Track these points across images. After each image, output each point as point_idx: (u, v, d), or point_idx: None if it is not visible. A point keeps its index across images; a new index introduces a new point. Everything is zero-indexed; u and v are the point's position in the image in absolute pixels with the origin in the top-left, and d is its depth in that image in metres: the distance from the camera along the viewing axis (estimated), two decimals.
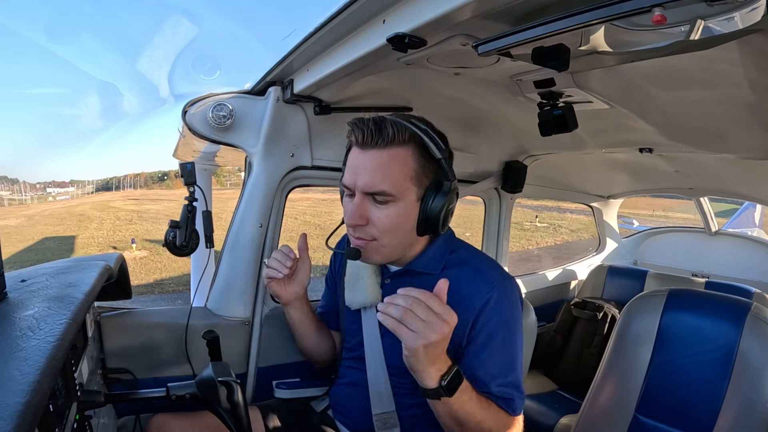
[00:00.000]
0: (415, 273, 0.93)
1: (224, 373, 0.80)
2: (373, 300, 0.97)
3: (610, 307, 2.12)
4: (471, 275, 0.89)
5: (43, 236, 12.37)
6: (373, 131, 0.80)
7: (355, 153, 0.84)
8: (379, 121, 0.81)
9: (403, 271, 0.95)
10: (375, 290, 0.97)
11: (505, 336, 0.87)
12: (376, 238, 0.86)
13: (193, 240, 1.10)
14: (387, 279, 0.98)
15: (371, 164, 0.81)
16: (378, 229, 0.84)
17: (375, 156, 0.81)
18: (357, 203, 0.83)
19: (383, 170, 0.81)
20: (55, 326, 0.59)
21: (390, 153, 0.81)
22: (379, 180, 0.81)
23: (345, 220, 0.86)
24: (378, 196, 0.82)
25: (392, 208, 0.83)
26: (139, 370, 1.10)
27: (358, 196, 0.83)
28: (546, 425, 1.72)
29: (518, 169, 1.76)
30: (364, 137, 0.81)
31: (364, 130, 0.81)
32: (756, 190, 2.15)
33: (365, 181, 0.82)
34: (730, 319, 1.16)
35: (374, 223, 0.84)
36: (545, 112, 1.04)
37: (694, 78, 0.87)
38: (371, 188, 0.81)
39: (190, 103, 1.15)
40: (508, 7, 0.59)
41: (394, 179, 0.81)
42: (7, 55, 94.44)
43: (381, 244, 0.86)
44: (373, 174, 0.81)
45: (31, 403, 0.44)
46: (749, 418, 1.06)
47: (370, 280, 0.98)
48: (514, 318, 0.88)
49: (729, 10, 0.49)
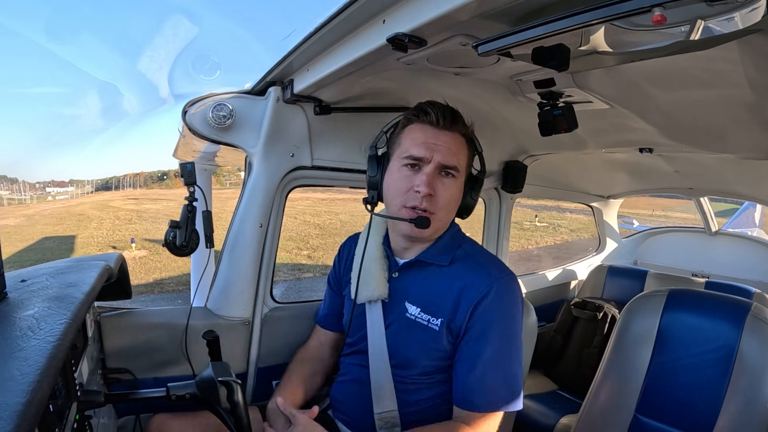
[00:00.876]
0: (424, 264, 0.97)
1: (224, 373, 0.80)
2: (380, 294, 0.99)
3: (610, 307, 2.12)
4: (473, 268, 0.94)
5: (43, 236, 12.36)
6: (449, 116, 0.93)
7: (427, 130, 0.92)
8: (451, 108, 0.94)
9: (413, 261, 0.98)
10: (383, 284, 0.99)
11: (502, 329, 0.89)
12: (436, 212, 0.92)
13: (193, 240, 1.10)
14: (395, 273, 1.00)
15: (447, 142, 0.92)
16: (442, 201, 0.92)
17: (450, 136, 0.92)
18: (430, 173, 0.90)
19: (456, 149, 0.93)
20: (55, 326, 0.59)
21: (459, 137, 0.94)
22: (453, 156, 0.92)
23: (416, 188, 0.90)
24: (449, 169, 0.92)
25: (454, 183, 0.93)
26: (139, 370, 1.10)
27: (432, 168, 0.90)
28: (546, 425, 1.72)
29: (518, 169, 1.76)
30: (443, 119, 0.92)
31: (440, 112, 0.92)
32: (756, 190, 2.15)
33: (443, 156, 0.91)
34: (730, 319, 1.16)
35: (440, 196, 0.92)
36: (545, 112, 1.04)
37: (694, 78, 0.87)
38: (449, 162, 0.91)
39: (190, 103, 1.15)
40: (508, 7, 0.59)
41: (461, 158, 0.94)
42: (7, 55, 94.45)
43: (438, 218, 0.93)
44: (450, 150, 0.91)
45: (31, 403, 0.44)
46: (749, 418, 1.06)
47: (378, 275, 1.00)
48: (512, 312, 0.91)
49: (729, 10, 0.49)
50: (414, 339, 0.93)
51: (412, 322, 0.94)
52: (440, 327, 0.91)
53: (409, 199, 0.92)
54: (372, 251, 1.02)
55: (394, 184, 0.94)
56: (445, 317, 0.91)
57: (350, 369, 1.05)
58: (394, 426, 0.95)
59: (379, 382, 0.96)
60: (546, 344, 2.22)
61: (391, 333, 0.97)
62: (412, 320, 0.95)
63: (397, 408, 0.95)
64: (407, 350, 0.94)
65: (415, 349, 0.93)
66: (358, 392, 0.99)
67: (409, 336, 0.94)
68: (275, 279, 1.36)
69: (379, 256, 1.02)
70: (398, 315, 0.97)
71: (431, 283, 0.96)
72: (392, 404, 0.95)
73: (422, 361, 0.93)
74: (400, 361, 0.95)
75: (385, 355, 0.96)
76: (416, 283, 0.97)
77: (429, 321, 0.92)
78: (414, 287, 0.97)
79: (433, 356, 0.92)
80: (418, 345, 0.93)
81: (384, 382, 0.96)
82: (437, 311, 0.92)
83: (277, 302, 1.33)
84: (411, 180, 0.91)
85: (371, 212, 1.01)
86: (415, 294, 0.97)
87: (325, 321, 1.19)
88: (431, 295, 0.94)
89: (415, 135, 0.93)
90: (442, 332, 0.91)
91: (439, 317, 0.91)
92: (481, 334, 0.88)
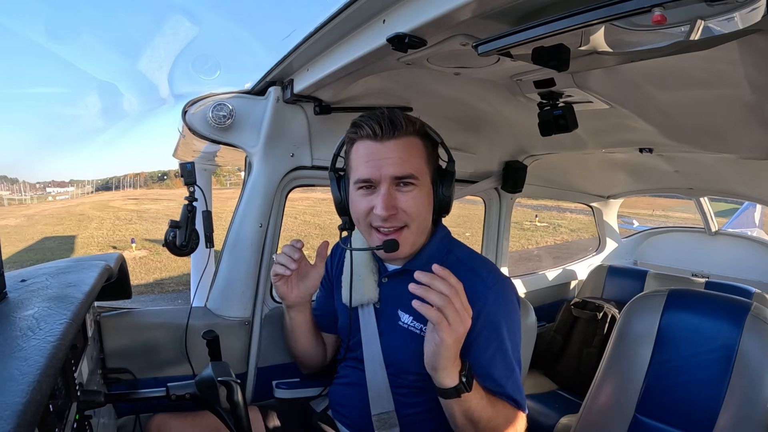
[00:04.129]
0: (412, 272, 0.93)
1: (224, 373, 0.80)
2: (371, 298, 0.97)
3: (610, 307, 2.12)
4: (468, 276, 0.88)
5: (43, 236, 12.37)
6: (389, 123, 0.85)
7: (370, 146, 0.86)
8: (388, 114, 0.86)
9: (401, 270, 0.96)
10: (373, 289, 0.98)
11: (506, 335, 0.87)
12: (406, 225, 0.88)
13: (193, 240, 1.10)
14: (384, 278, 0.98)
15: (394, 152, 0.85)
16: (408, 214, 0.87)
17: (395, 144, 0.85)
18: (385, 193, 0.85)
19: (406, 156, 0.86)
20: (55, 326, 0.59)
21: (406, 141, 0.87)
22: (405, 165, 0.85)
23: (376, 211, 0.85)
24: (405, 179, 0.85)
25: (416, 191, 0.87)
26: (139, 370, 1.10)
27: (385, 186, 0.85)
28: (546, 425, 1.72)
29: (518, 169, 1.76)
30: (381, 130, 0.85)
31: (378, 123, 0.85)
32: (756, 190, 2.15)
33: (394, 168, 0.85)
34: (730, 319, 1.16)
35: (404, 209, 0.86)
36: (545, 112, 1.04)
37: (694, 78, 0.87)
38: (401, 173, 0.85)
39: (190, 103, 1.15)
40: (508, 7, 0.59)
41: (415, 162, 0.86)
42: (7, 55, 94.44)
43: (410, 231, 0.89)
44: (399, 160, 0.85)
45: (31, 403, 0.44)
46: (749, 418, 1.06)
47: (368, 279, 0.98)
48: (512, 317, 0.90)
49: (729, 11, 0.49)
50: (408, 347, 0.91)
51: (405, 331, 0.93)
52: None
53: (372, 220, 0.88)
54: (360, 255, 1.00)
55: (355, 208, 0.90)
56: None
57: (348, 372, 1.04)
58: (393, 426, 0.95)
59: (375, 385, 0.96)
60: (546, 344, 2.22)
61: (385, 340, 0.96)
62: (405, 328, 0.93)
63: (395, 409, 0.95)
64: (402, 358, 0.93)
65: (409, 356, 0.91)
66: (355, 394, 0.99)
67: (403, 344, 0.93)
68: None
69: (368, 260, 1.00)
70: (391, 323, 0.96)
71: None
72: (389, 405, 0.95)
73: (416, 369, 0.89)
74: (395, 368, 0.94)
75: (380, 359, 0.96)
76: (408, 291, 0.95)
77: (422, 330, 0.90)
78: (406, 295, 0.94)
79: None
80: (412, 353, 0.90)
81: (380, 384, 0.95)
82: None
83: (277, 302, 1.33)
84: (370, 201, 0.87)
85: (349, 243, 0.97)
86: (407, 302, 0.93)
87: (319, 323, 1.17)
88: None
89: (360, 154, 0.88)
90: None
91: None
92: (486, 346, 0.86)
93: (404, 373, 0.93)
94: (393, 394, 0.95)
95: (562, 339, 2.20)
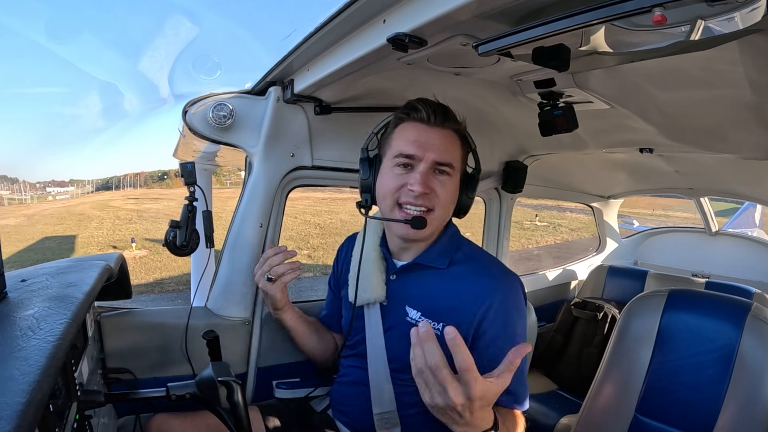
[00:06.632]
0: (422, 267, 0.96)
1: (224, 373, 0.80)
2: (378, 297, 0.98)
3: (610, 307, 2.12)
4: (477, 272, 0.93)
5: (43, 236, 12.37)
6: (441, 112, 0.91)
7: (419, 128, 0.91)
8: (442, 105, 0.93)
9: (411, 264, 0.97)
10: (380, 287, 0.99)
11: (512, 331, 0.88)
12: (434, 209, 0.91)
13: (193, 240, 1.10)
14: (393, 275, 0.99)
15: (440, 139, 0.90)
16: (439, 198, 0.90)
17: (442, 133, 0.91)
18: (424, 172, 0.89)
19: (450, 145, 0.91)
20: (55, 326, 0.59)
21: (451, 133, 0.92)
22: (448, 153, 0.90)
23: (412, 187, 0.88)
24: (443, 167, 0.90)
25: (450, 181, 0.92)
26: (139, 370, 1.10)
27: (425, 166, 0.89)
28: (546, 425, 1.72)
29: (518, 169, 1.76)
30: (434, 116, 0.90)
31: (431, 109, 0.91)
32: (756, 190, 2.15)
33: (437, 153, 0.89)
34: (730, 320, 1.16)
35: (437, 194, 0.90)
36: (545, 112, 1.04)
37: (694, 78, 0.87)
38: (443, 159, 0.89)
39: (190, 102, 1.15)
40: (508, 7, 0.59)
41: (455, 154, 0.92)
42: (7, 55, 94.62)
43: (435, 217, 0.91)
44: (443, 147, 0.90)
45: (31, 403, 0.44)
46: (749, 419, 1.06)
47: (375, 277, 0.99)
48: (521, 312, 0.91)
49: (729, 11, 0.49)
50: None
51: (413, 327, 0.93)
52: (442, 332, 0.90)
53: (401, 196, 0.91)
54: (369, 253, 1.01)
55: (386, 184, 0.93)
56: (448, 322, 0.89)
57: (349, 371, 1.05)
58: (394, 426, 0.95)
59: (378, 383, 0.96)
60: (546, 344, 2.22)
61: (391, 337, 0.96)
62: (413, 324, 0.93)
63: (396, 408, 0.95)
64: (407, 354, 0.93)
65: None
66: (357, 393, 0.99)
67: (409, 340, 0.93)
68: None
69: (376, 258, 1.01)
70: (398, 319, 0.96)
71: (432, 287, 0.94)
72: (391, 405, 0.95)
73: None
74: (400, 365, 0.94)
75: (383, 358, 0.96)
76: (416, 287, 0.96)
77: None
78: (414, 291, 0.96)
79: None
80: None
81: (383, 383, 0.96)
82: (439, 316, 0.91)
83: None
84: (404, 179, 0.90)
85: (365, 215, 0.99)
86: (416, 298, 0.95)
87: (326, 320, 1.19)
88: (433, 300, 0.93)
89: (407, 133, 0.91)
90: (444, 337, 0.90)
91: (441, 322, 0.90)
92: (493, 341, 0.87)
93: (407, 370, 0.94)
94: (395, 393, 0.95)
95: (562, 339, 2.20)
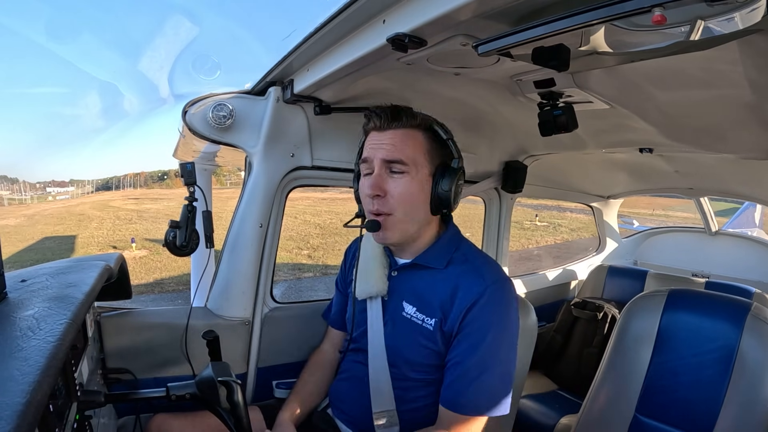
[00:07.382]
0: (421, 267, 0.98)
1: (224, 373, 0.80)
2: (380, 291, 1.00)
3: (610, 307, 2.12)
4: (469, 272, 0.93)
5: (43, 236, 12.36)
6: (390, 115, 0.93)
7: (374, 135, 0.95)
8: (394, 107, 0.94)
9: (410, 264, 0.99)
10: (382, 281, 1.00)
11: (493, 334, 0.88)
12: (392, 212, 0.92)
13: (193, 240, 1.10)
14: (394, 272, 1.01)
15: (389, 139, 0.92)
16: (395, 199, 0.91)
17: (392, 133, 0.93)
18: (376, 174, 0.92)
19: (400, 143, 0.92)
20: (55, 326, 0.59)
21: (404, 132, 0.93)
22: (396, 151, 0.91)
23: (364, 191, 0.93)
24: (395, 165, 0.91)
25: (407, 178, 0.91)
26: (139, 370, 1.10)
27: (377, 168, 0.92)
28: (546, 425, 1.72)
29: (518, 169, 1.76)
30: (380, 120, 0.93)
31: (382, 115, 0.93)
32: (756, 190, 2.14)
33: (385, 152, 0.91)
34: (730, 319, 1.16)
35: (391, 194, 0.92)
36: (545, 112, 1.04)
37: (694, 78, 0.87)
38: (390, 157, 0.91)
39: (190, 103, 1.15)
40: (508, 7, 0.59)
41: (408, 151, 0.92)
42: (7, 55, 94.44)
43: (397, 219, 0.93)
44: (391, 146, 0.91)
45: (31, 403, 0.44)
46: (749, 418, 1.06)
47: (378, 272, 1.01)
48: (504, 317, 0.90)
49: (729, 11, 0.49)
50: (409, 337, 0.94)
51: (408, 321, 0.95)
52: (434, 327, 0.91)
53: (366, 205, 0.95)
54: (373, 249, 1.04)
55: (360, 193, 0.98)
56: (438, 318, 0.91)
57: (350, 366, 1.05)
58: (393, 425, 0.95)
59: (377, 380, 0.97)
60: (546, 344, 2.22)
61: (389, 331, 0.98)
62: (408, 318, 0.95)
63: (395, 407, 0.95)
64: (403, 348, 0.95)
65: (410, 347, 0.94)
66: (357, 390, 1.00)
67: (404, 334, 0.95)
68: (275, 279, 1.36)
69: (380, 254, 1.03)
70: (395, 313, 0.98)
71: (427, 284, 0.96)
72: (390, 403, 0.95)
73: (417, 359, 0.93)
74: (396, 359, 0.96)
75: (383, 352, 0.97)
76: (413, 284, 0.98)
77: (423, 320, 0.93)
78: (411, 287, 0.98)
79: (428, 355, 0.93)
80: (413, 343, 0.93)
81: (382, 380, 0.96)
82: (432, 311, 0.93)
83: (278, 302, 1.33)
84: (366, 183, 0.94)
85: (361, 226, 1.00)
86: (411, 293, 0.97)
87: (334, 320, 1.20)
88: (427, 296, 0.95)
89: (367, 142, 0.96)
90: (436, 332, 0.91)
91: (433, 317, 0.92)
92: (471, 338, 0.88)
93: (404, 364, 0.95)
94: (394, 389, 0.96)
95: (562, 339, 2.20)
